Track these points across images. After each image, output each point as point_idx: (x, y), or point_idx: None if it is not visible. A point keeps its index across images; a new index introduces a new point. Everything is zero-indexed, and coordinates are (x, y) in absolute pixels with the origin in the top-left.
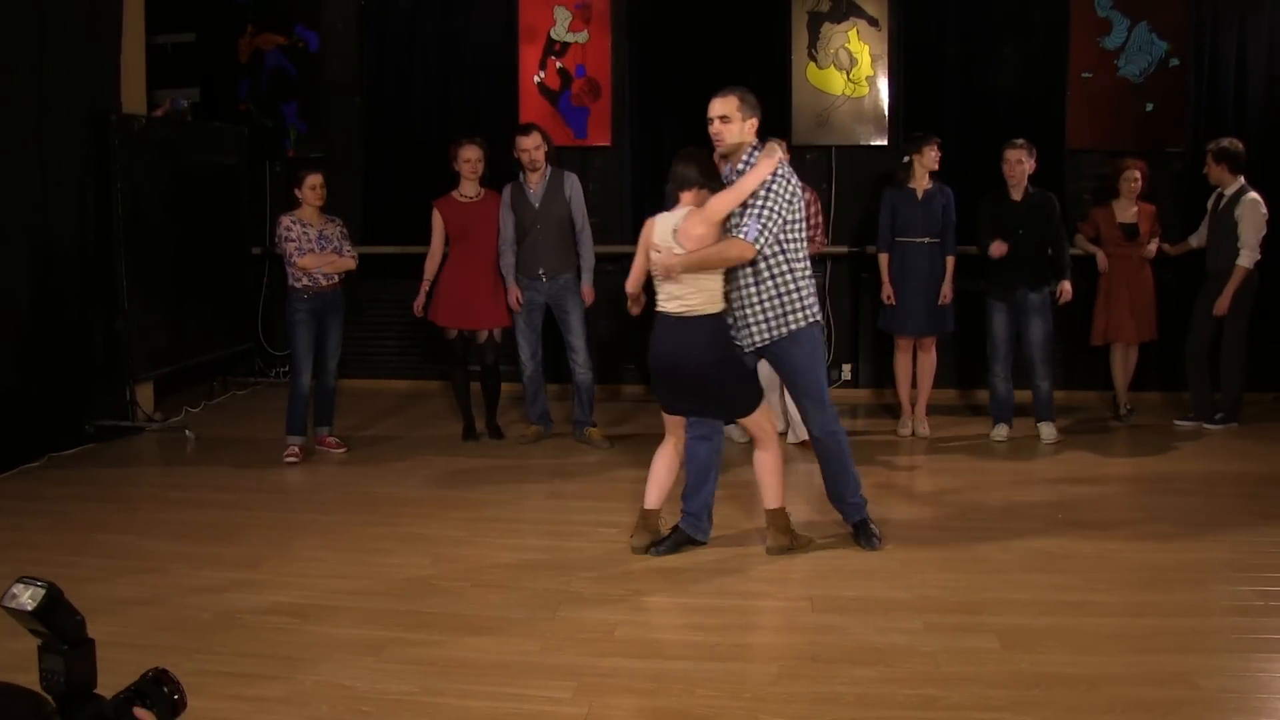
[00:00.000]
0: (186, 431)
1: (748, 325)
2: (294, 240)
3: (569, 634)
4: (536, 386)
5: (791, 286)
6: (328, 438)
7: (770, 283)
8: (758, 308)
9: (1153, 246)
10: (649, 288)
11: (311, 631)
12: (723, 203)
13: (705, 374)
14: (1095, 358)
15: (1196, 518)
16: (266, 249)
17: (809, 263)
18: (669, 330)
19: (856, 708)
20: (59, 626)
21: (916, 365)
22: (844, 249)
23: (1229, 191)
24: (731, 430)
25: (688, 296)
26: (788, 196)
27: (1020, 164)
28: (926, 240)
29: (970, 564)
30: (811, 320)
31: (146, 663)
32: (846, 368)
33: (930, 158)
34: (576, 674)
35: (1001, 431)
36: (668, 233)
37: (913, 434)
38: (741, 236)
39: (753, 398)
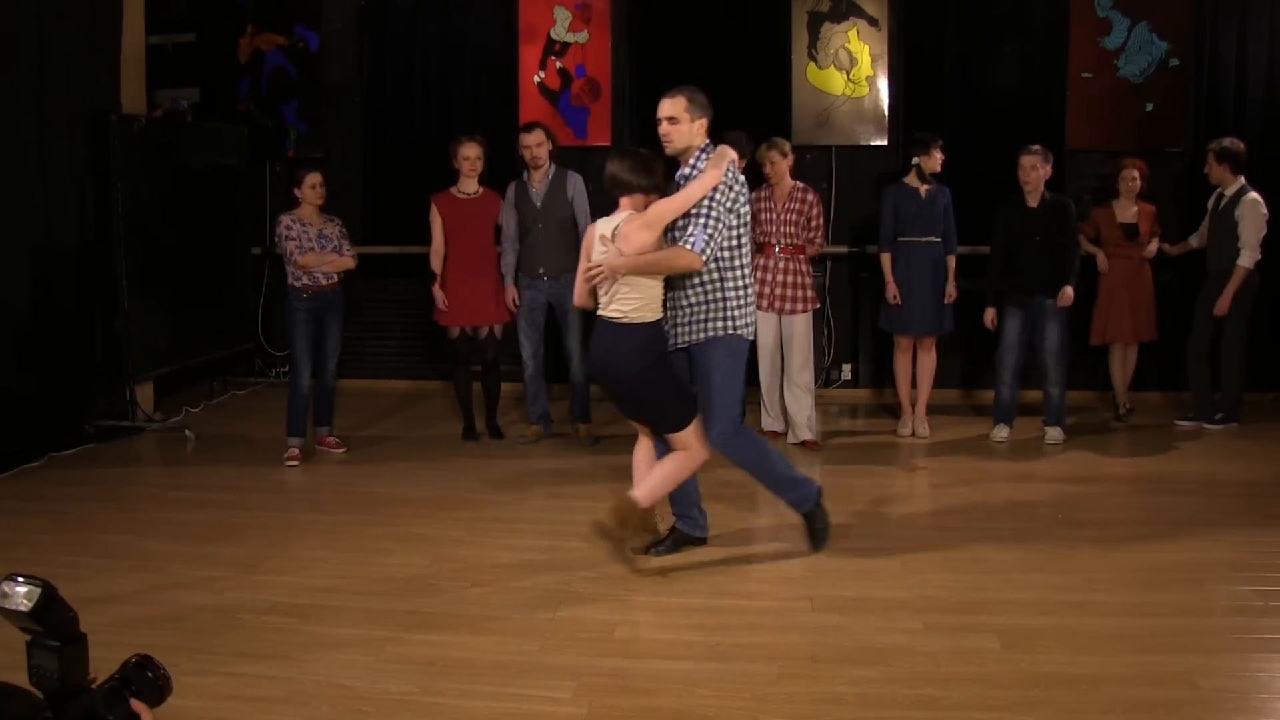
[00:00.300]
0: (186, 431)
1: (674, 325)
2: (294, 239)
3: (569, 634)
4: (537, 386)
5: (718, 295)
6: (328, 438)
7: (700, 289)
8: (686, 310)
9: (1153, 246)
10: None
11: (311, 631)
12: (667, 210)
13: (632, 382)
14: (1095, 358)
15: (1196, 518)
16: (266, 249)
17: (746, 271)
18: (602, 333)
19: (856, 708)
20: (54, 624)
21: (916, 365)
22: (844, 249)
23: (1229, 192)
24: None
25: (624, 300)
26: (728, 204)
27: (1035, 170)
28: (929, 240)
29: (970, 564)
30: (733, 331)
31: None
32: (846, 368)
33: (935, 159)
34: (576, 674)
35: (1001, 433)
36: (607, 235)
37: (913, 434)
38: (689, 247)
39: (682, 414)
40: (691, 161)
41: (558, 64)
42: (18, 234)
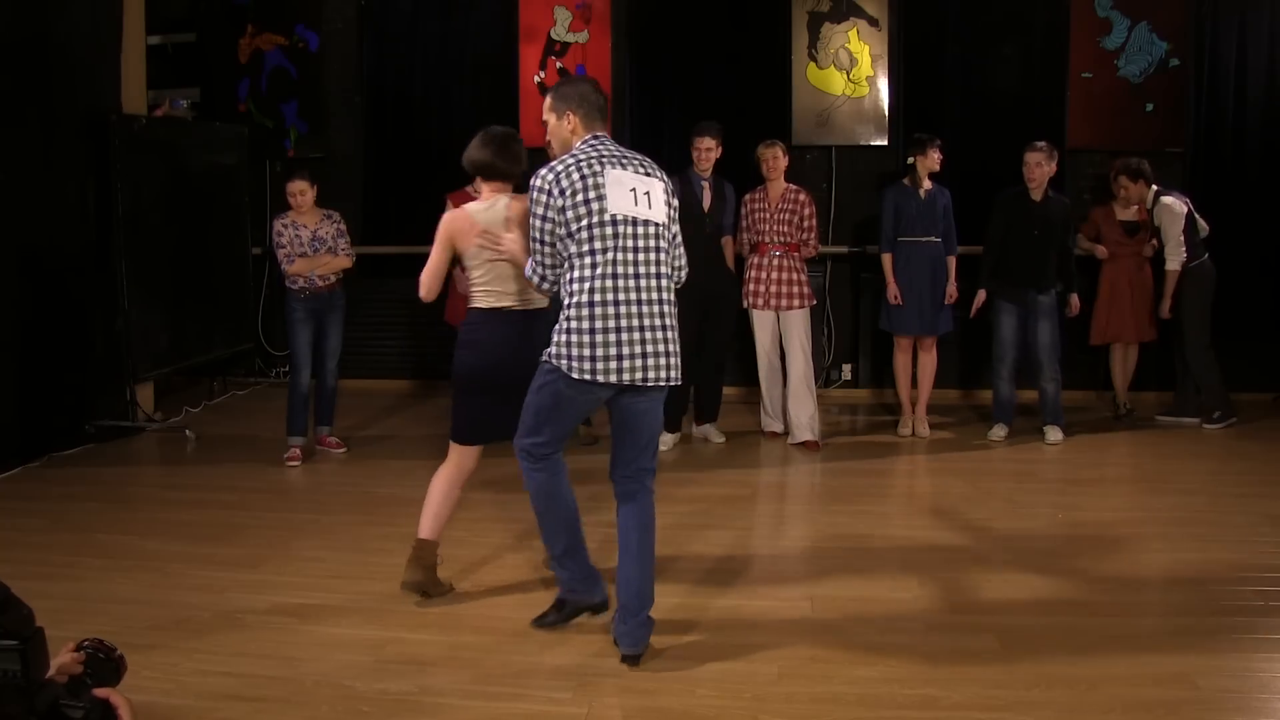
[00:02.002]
0: (186, 431)
1: None
2: (284, 247)
3: (569, 634)
4: None
5: (563, 321)
6: (328, 437)
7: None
8: None
9: (1153, 245)
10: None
11: (311, 631)
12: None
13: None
14: (1095, 357)
15: (1196, 518)
16: (266, 249)
17: (583, 296)
18: (516, 325)
19: (857, 708)
20: (11, 624)
21: (916, 365)
22: (844, 249)
23: (1149, 205)
24: (708, 430)
25: (527, 289)
26: (545, 214)
27: (1040, 166)
28: (929, 240)
29: (970, 564)
30: (556, 364)
31: (146, 663)
32: (846, 368)
33: (933, 159)
34: (576, 674)
35: (999, 432)
36: (498, 221)
37: (913, 434)
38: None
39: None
40: None
41: (558, 64)
42: (18, 234)
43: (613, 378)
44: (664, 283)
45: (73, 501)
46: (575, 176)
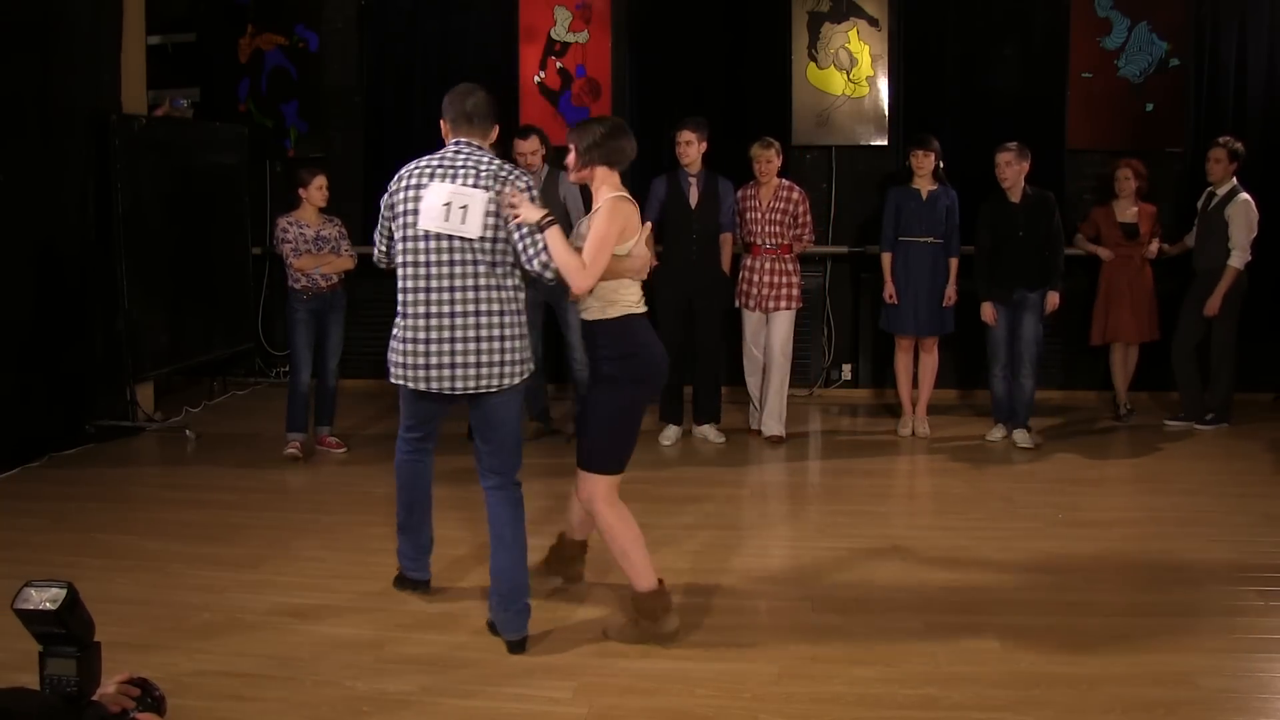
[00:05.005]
0: (186, 431)
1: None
2: (290, 242)
3: (569, 634)
4: (535, 384)
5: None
6: (328, 437)
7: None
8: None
9: (1153, 246)
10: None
11: (311, 631)
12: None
13: None
14: (1095, 358)
15: (1196, 518)
16: (266, 249)
17: (400, 306)
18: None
19: (856, 708)
20: (76, 626)
21: (918, 365)
22: (844, 249)
23: (1221, 191)
24: (707, 431)
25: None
26: (383, 204)
27: (1010, 166)
28: (929, 240)
29: (970, 564)
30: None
31: (146, 663)
32: (846, 368)
33: (918, 161)
34: (576, 674)
35: (998, 432)
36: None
37: (913, 434)
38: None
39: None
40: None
41: (558, 64)
42: (18, 234)
43: (421, 385)
44: (481, 294)
45: (73, 501)
46: (405, 183)
